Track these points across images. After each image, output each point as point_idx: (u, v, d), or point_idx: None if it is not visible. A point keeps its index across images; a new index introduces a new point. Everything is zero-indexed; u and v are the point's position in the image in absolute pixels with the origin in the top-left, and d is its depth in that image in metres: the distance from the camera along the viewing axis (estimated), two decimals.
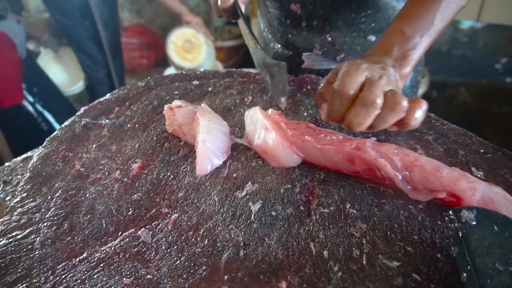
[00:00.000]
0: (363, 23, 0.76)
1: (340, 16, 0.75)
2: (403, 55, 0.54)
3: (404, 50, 0.54)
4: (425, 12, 0.55)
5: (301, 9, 0.77)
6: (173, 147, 0.58)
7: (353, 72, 0.47)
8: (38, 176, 0.53)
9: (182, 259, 0.41)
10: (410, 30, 0.54)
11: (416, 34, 0.54)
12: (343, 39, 0.79)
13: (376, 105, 0.45)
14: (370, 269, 0.38)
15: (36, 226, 0.46)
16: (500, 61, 2.20)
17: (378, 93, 0.45)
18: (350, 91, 0.47)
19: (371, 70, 0.48)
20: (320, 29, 0.79)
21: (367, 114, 0.46)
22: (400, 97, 0.45)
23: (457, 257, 0.35)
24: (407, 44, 0.54)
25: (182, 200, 0.49)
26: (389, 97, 0.45)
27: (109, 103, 0.69)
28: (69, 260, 0.42)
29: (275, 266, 0.40)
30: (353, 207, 0.46)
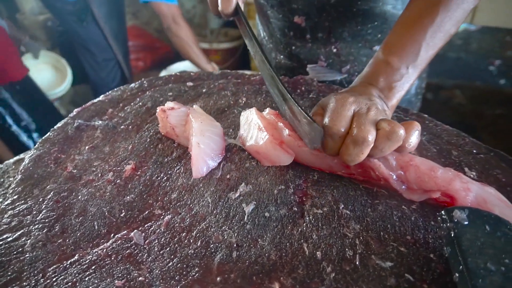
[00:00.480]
0: (369, 34, 0.75)
1: (345, 28, 0.75)
2: (389, 86, 0.52)
3: (390, 82, 0.52)
4: (411, 42, 0.53)
5: (305, 21, 0.76)
6: (166, 148, 0.58)
7: (340, 108, 0.46)
8: (29, 178, 0.53)
9: (174, 261, 0.41)
10: (395, 60, 0.53)
11: (402, 65, 0.52)
12: (348, 50, 0.78)
13: (368, 143, 0.43)
14: (363, 269, 0.38)
15: (27, 229, 0.45)
16: (494, 63, 2.22)
17: (369, 129, 0.43)
18: (340, 129, 0.45)
19: (358, 103, 0.47)
20: (325, 41, 0.78)
21: (360, 152, 0.44)
22: (395, 126, 0.43)
23: (449, 257, 0.35)
24: (393, 75, 0.52)
25: (175, 201, 0.49)
26: (383, 127, 0.44)
27: (102, 105, 0.68)
28: (60, 262, 0.41)
29: (268, 267, 0.39)
30: (346, 207, 0.45)
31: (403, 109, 0.63)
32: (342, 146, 0.46)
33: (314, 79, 0.73)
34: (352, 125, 0.45)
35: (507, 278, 0.31)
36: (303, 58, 0.83)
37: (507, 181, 0.48)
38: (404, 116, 0.61)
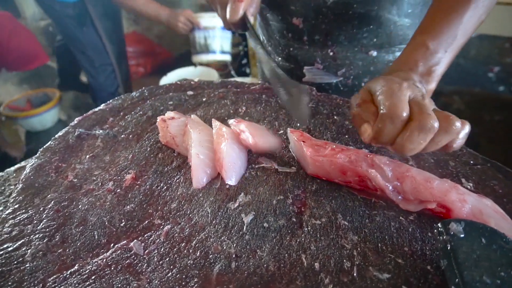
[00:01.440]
0: (365, 38, 0.76)
1: (342, 32, 0.76)
2: (428, 70, 0.52)
3: (429, 66, 0.52)
4: (448, 27, 0.53)
5: (303, 23, 0.77)
6: (166, 157, 0.58)
7: (399, 92, 0.45)
8: (30, 187, 0.53)
9: (173, 271, 0.41)
10: (434, 44, 0.52)
11: (440, 49, 0.52)
12: (344, 54, 0.79)
13: (434, 130, 0.42)
14: (360, 281, 0.38)
15: (28, 238, 0.46)
16: (493, 70, 2.23)
17: (433, 116, 0.42)
18: (403, 113, 0.43)
19: (412, 89, 0.46)
20: (321, 43, 0.79)
21: (424, 139, 0.43)
22: (454, 119, 0.42)
23: (445, 270, 0.36)
24: (432, 59, 0.52)
25: (175, 211, 0.49)
26: (442, 119, 0.43)
27: (103, 114, 0.69)
28: (60, 272, 0.42)
29: (267, 278, 0.40)
30: (344, 218, 0.46)
31: None
32: (404, 132, 0.43)
33: (313, 88, 0.74)
34: (415, 112, 0.43)
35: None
36: (300, 60, 0.84)
37: (504, 192, 0.49)
38: None
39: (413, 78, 0.50)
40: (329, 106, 0.69)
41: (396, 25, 0.75)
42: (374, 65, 0.79)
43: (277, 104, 0.69)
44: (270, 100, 0.71)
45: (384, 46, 0.78)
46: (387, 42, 0.77)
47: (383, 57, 0.79)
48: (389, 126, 0.44)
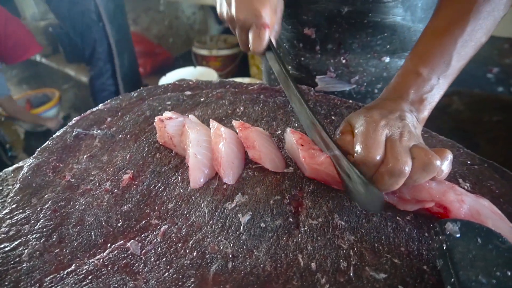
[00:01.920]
0: (378, 45, 0.76)
1: (355, 40, 0.75)
2: (419, 98, 0.50)
3: (421, 94, 0.50)
4: (441, 52, 0.51)
5: (315, 33, 0.76)
6: (164, 158, 0.58)
7: (373, 134, 0.44)
8: (28, 187, 0.53)
9: (170, 271, 0.41)
10: (426, 71, 0.50)
11: (433, 76, 0.50)
12: (357, 61, 0.78)
13: (404, 174, 0.41)
14: (357, 281, 0.38)
15: (25, 238, 0.46)
16: (492, 70, 2.24)
17: (405, 160, 0.41)
18: (376, 158, 0.43)
19: (390, 126, 0.45)
20: (334, 52, 0.78)
21: (396, 183, 0.42)
22: (431, 157, 0.41)
23: (441, 270, 0.36)
24: (424, 86, 0.50)
25: (172, 211, 0.49)
26: (418, 157, 0.41)
27: (101, 114, 0.69)
28: (57, 272, 0.42)
29: (263, 278, 0.40)
30: (341, 218, 0.46)
31: None
32: (376, 174, 0.43)
33: (311, 88, 0.74)
34: (387, 155, 0.43)
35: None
36: (312, 69, 0.82)
37: (500, 192, 0.49)
38: None
39: (402, 108, 0.49)
40: (327, 106, 0.69)
41: (410, 30, 0.74)
42: (387, 71, 0.79)
43: (275, 104, 0.69)
44: (268, 100, 0.71)
45: (397, 52, 0.77)
46: (400, 48, 0.77)
47: (395, 62, 0.78)
48: (363, 168, 0.44)
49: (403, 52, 0.77)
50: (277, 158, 0.55)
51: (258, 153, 0.53)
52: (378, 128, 0.45)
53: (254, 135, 0.54)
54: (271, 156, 0.54)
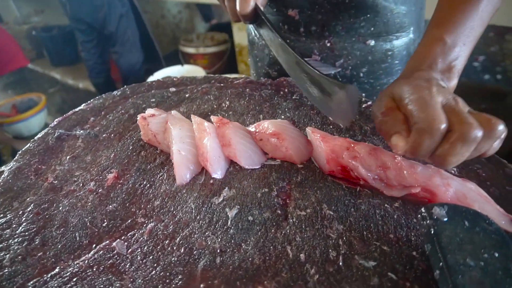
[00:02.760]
0: (362, 27, 0.75)
1: (339, 22, 0.74)
2: (448, 67, 0.49)
3: (449, 61, 0.49)
4: (465, 18, 0.50)
5: (299, 14, 0.76)
6: (149, 155, 0.57)
7: (431, 101, 0.41)
8: (9, 191, 0.52)
9: (157, 269, 0.40)
10: (451, 38, 0.49)
11: (458, 42, 0.49)
12: (342, 45, 0.78)
13: (478, 139, 0.38)
14: (346, 270, 0.38)
15: (6, 243, 0.44)
16: (478, 59, 2.26)
17: (476, 125, 0.38)
18: (442, 126, 0.39)
19: (442, 92, 0.42)
20: (318, 34, 0.77)
21: (467, 150, 0.39)
22: (496, 123, 0.39)
23: (429, 254, 0.36)
24: (451, 54, 0.49)
25: (159, 208, 0.48)
26: (484, 123, 0.39)
27: (84, 113, 0.67)
28: (40, 276, 0.41)
29: (252, 272, 0.39)
30: (329, 208, 0.45)
31: None
32: (446, 145, 0.39)
33: None
34: (453, 122, 0.39)
35: (486, 273, 0.31)
36: (296, 52, 0.81)
37: (487, 176, 0.49)
38: None
39: (436, 78, 0.46)
40: None
41: (392, 13, 0.74)
42: (372, 54, 0.78)
43: (261, 98, 0.69)
44: (253, 94, 0.70)
45: (382, 35, 0.77)
46: (384, 31, 0.76)
47: (380, 45, 0.78)
48: (427, 141, 0.40)
49: (388, 35, 0.77)
50: (255, 153, 0.54)
51: (233, 151, 0.52)
52: (433, 95, 0.41)
53: (230, 132, 0.53)
54: (248, 153, 0.53)
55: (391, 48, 0.78)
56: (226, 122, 0.54)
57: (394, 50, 0.78)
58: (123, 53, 2.58)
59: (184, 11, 3.73)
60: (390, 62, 0.80)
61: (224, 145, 0.53)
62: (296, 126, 0.60)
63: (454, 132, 0.39)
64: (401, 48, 0.79)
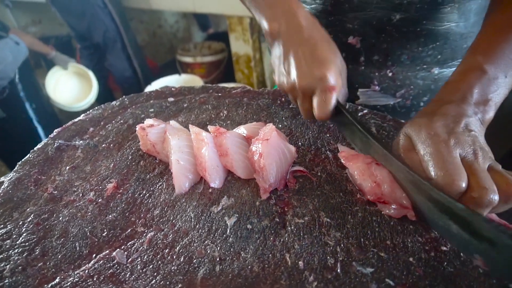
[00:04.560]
0: (429, 56, 0.69)
1: (405, 51, 0.68)
2: (485, 99, 0.45)
3: (486, 93, 0.45)
4: (508, 47, 0.46)
5: (361, 42, 0.70)
6: (148, 165, 0.58)
7: (449, 157, 0.39)
8: (8, 201, 0.52)
9: (157, 278, 0.41)
10: (491, 68, 0.45)
11: (500, 74, 0.45)
12: (405, 74, 0.71)
13: (493, 204, 0.37)
14: (344, 277, 0.39)
15: (6, 254, 0.45)
16: None
17: (493, 189, 0.37)
18: (462, 186, 0.38)
19: (461, 144, 0.40)
20: (380, 64, 0.71)
21: (482, 212, 0.38)
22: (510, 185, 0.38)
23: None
24: (490, 85, 0.45)
25: (158, 218, 0.49)
26: (500, 186, 0.38)
27: (83, 124, 0.68)
28: (40, 286, 0.41)
29: (251, 280, 0.39)
30: (327, 215, 0.46)
31: (381, 116, 0.64)
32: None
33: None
34: (470, 182, 0.38)
35: None
36: (354, 81, 0.76)
37: None
38: (381, 122, 0.63)
39: (466, 112, 0.44)
40: None
41: (462, 37, 0.67)
42: (435, 83, 0.73)
43: (258, 107, 0.70)
44: (251, 103, 0.71)
45: (447, 62, 0.70)
46: (451, 57, 0.70)
47: (445, 73, 0.72)
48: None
49: (453, 61, 0.71)
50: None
51: (230, 161, 0.52)
52: (450, 149, 0.40)
53: (228, 142, 0.53)
54: (245, 163, 0.53)
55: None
56: (223, 131, 0.54)
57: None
58: (113, 62, 2.65)
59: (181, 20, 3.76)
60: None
61: (222, 155, 0.53)
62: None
63: (468, 194, 0.38)
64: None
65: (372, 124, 0.63)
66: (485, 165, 0.40)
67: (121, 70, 2.68)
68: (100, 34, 2.53)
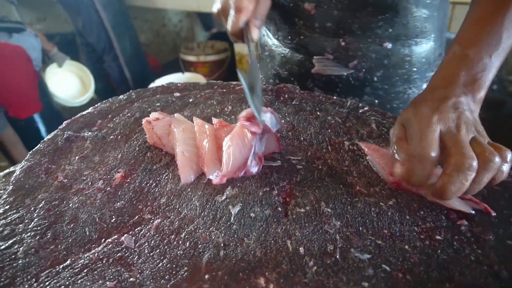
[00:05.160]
0: (379, 27, 0.72)
1: (355, 19, 0.72)
2: (472, 79, 0.48)
3: (473, 73, 0.48)
4: (489, 34, 0.50)
5: (315, 8, 0.73)
6: (155, 156, 0.60)
7: (426, 130, 0.43)
8: (21, 188, 0.54)
9: (164, 262, 0.43)
10: (475, 52, 0.49)
11: (484, 55, 0.49)
12: (357, 45, 0.75)
13: (473, 169, 0.40)
14: (343, 262, 0.40)
15: (20, 237, 0.47)
16: None
17: (471, 154, 0.40)
18: (431, 154, 0.42)
19: (444, 120, 0.44)
20: (333, 32, 0.75)
21: (465, 179, 0.40)
22: (491, 154, 0.40)
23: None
24: (475, 66, 0.49)
25: (164, 206, 0.51)
26: (480, 155, 0.40)
27: (91, 116, 0.70)
28: (52, 267, 0.43)
29: (254, 264, 0.41)
30: (327, 206, 0.48)
31: (381, 113, 0.66)
32: (444, 176, 0.42)
33: (297, 87, 0.76)
34: (451, 151, 0.42)
35: None
36: (310, 49, 0.79)
37: None
38: (381, 119, 0.65)
39: (454, 93, 0.47)
40: (312, 103, 0.71)
41: (413, 15, 0.71)
42: (388, 58, 0.75)
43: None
44: None
45: (400, 38, 0.73)
46: (404, 34, 0.73)
47: (398, 49, 0.75)
48: (418, 168, 0.43)
49: (407, 39, 0.74)
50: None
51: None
52: (430, 124, 0.43)
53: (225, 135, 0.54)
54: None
55: (409, 53, 0.75)
56: (225, 125, 0.56)
57: (412, 56, 0.76)
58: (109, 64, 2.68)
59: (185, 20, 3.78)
60: (407, 68, 0.77)
61: (219, 148, 0.55)
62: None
63: (449, 164, 0.41)
64: (420, 56, 0.76)
65: (372, 120, 0.65)
66: (467, 136, 0.43)
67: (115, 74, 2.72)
68: (93, 36, 2.55)
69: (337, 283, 0.38)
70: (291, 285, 0.39)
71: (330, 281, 0.39)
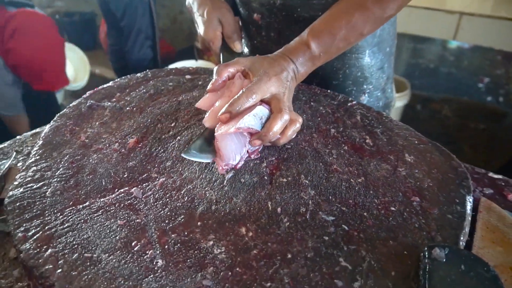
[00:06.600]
0: None
1: (292, 32, 0.76)
2: (301, 64, 0.66)
3: (304, 61, 0.66)
4: (329, 34, 0.65)
5: (261, 19, 0.85)
6: (164, 128, 0.69)
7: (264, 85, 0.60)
8: (49, 143, 0.64)
9: (165, 210, 0.52)
10: (314, 45, 0.65)
11: (318, 51, 0.65)
12: None
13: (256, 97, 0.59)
14: (311, 221, 0.49)
15: (48, 181, 0.56)
16: (483, 80, 2.35)
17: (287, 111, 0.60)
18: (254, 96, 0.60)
19: (278, 85, 0.62)
20: (276, 40, 0.85)
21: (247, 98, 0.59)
22: (286, 109, 0.59)
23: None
24: (309, 58, 0.66)
25: (169, 168, 0.60)
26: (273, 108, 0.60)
27: (111, 89, 0.79)
28: (74, 206, 0.52)
29: (238, 217, 0.50)
30: (306, 178, 0.57)
31: (367, 107, 0.74)
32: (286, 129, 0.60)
33: None
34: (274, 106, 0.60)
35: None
36: (260, 53, 0.82)
37: (437, 164, 0.59)
38: (366, 112, 0.73)
39: (289, 67, 0.64)
40: (308, 94, 0.79)
41: None
42: (322, 69, 0.75)
43: None
44: None
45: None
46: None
47: (330, 61, 0.75)
48: (239, 100, 0.58)
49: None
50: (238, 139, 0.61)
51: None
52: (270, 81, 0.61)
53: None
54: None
55: (341, 66, 0.85)
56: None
57: (345, 70, 0.85)
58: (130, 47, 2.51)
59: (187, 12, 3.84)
60: (342, 81, 0.87)
61: None
62: None
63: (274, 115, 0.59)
64: (355, 70, 0.85)
65: (358, 113, 0.73)
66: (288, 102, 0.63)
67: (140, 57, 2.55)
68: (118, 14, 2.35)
69: (303, 236, 0.47)
70: (266, 234, 0.48)
71: (298, 234, 0.47)
